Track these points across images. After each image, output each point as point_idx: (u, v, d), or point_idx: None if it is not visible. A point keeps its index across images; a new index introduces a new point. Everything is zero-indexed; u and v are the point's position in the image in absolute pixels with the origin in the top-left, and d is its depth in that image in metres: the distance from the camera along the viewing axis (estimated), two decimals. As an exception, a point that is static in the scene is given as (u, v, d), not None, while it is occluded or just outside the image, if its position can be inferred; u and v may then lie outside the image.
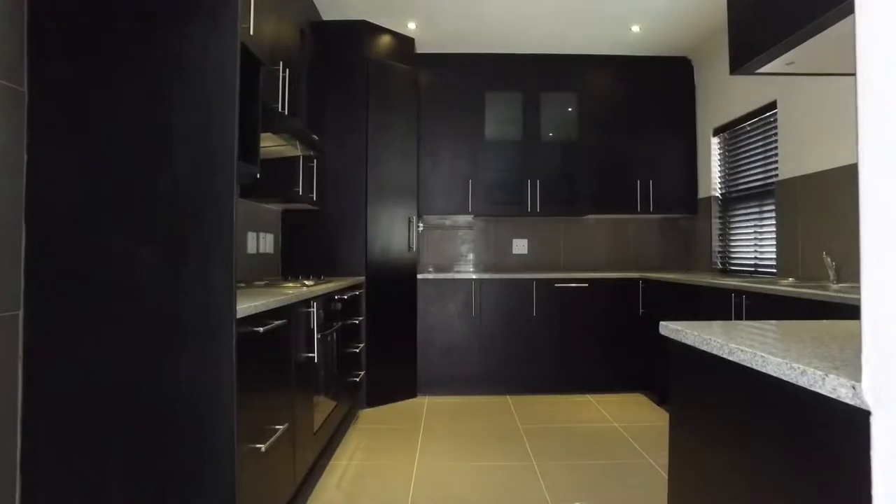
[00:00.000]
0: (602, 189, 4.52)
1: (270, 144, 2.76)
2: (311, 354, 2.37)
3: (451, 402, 4.01)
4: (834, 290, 2.44)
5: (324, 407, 2.70)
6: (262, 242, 3.44)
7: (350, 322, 3.42)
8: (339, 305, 3.03)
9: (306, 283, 2.65)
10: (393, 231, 4.02)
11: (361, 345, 3.72)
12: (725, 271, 4.20)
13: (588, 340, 4.23)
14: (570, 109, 4.60)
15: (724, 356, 0.98)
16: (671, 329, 1.22)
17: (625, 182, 4.53)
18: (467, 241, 4.80)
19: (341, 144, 3.84)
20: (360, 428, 3.42)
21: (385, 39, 4.05)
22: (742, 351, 0.92)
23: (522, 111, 4.53)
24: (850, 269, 2.79)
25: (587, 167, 4.52)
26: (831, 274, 2.75)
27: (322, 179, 3.76)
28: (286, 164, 3.09)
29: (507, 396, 4.15)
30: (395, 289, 4.03)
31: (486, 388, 4.21)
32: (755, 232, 3.82)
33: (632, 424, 3.45)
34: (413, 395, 4.13)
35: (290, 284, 2.57)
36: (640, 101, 4.55)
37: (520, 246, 4.84)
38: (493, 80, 4.52)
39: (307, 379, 2.36)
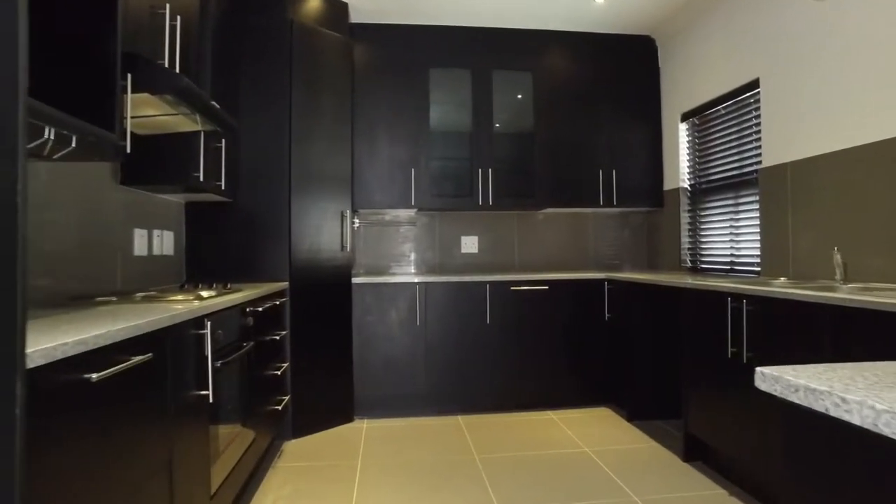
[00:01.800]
0: (561, 180, 4.07)
1: (155, 113, 2.10)
2: (203, 392, 1.74)
3: (394, 426, 3.44)
4: (846, 292, 2.04)
5: (230, 454, 2.07)
6: (157, 242, 2.76)
7: (270, 338, 2.79)
8: (251, 320, 2.40)
9: (203, 293, 2.02)
10: (323, 228, 3.40)
11: (285, 364, 3.09)
12: (696, 270, 3.83)
13: (548, 350, 3.76)
14: (523, 92, 4.12)
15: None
16: (787, 384, 0.71)
17: (586, 172, 4.09)
18: (409, 240, 4.24)
19: (259, 123, 3.19)
20: (283, 466, 2.80)
21: (313, 1, 3.43)
22: None
23: (472, 91, 4.00)
24: (857, 267, 2.42)
25: (544, 155, 4.05)
26: (838, 273, 2.37)
27: (234, 165, 3.10)
28: (183, 142, 2.43)
29: (459, 417, 3.62)
30: (325, 295, 3.42)
31: (435, 408, 3.66)
32: (731, 226, 3.45)
33: (605, 448, 2.99)
34: (349, 420, 3.53)
35: (181, 297, 1.93)
36: (602, 83, 4.12)
37: (469, 244, 4.32)
38: (439, 55, 3.97)
39: (197, 425, 1.74)
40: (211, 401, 1.77)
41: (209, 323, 1.78)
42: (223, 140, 2.75)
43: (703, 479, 2.58)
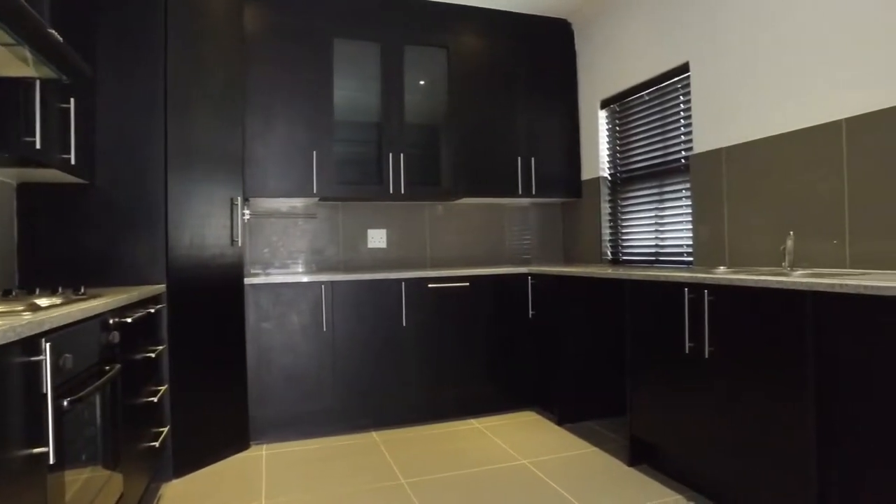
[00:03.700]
0: (477, 168, 3.76)
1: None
2: (38, 450, 1.18)
3: (301, 450, 2.93)
4: (799, 276, 1.91)
5: (85, 521, 1.49)
6: (-26, 234, 2.04)
7: (142, 356, 2.18)
8: (117, 335, 1.81)
9: (40, 302, 1.43)
10: (209, 218, 2.81)
11: (162, 388, 2.47)
12: (617, 261, 3.70)
13: (470, 352, 3.43)
14: (437, 71, 3.76)
15: None
16: None
17: (503, 160, 3.83)
18: (308, 233, 3.72)
19: (124, 86, 2.53)
20: (162, 518, 2.20)
21: (191, -57, 2.81)
22: None
23: (381, 67, 3.57)
24: (799, 253, 2.34)
25: (460, 141, 3.72)
26: (787, 259, 2.26)
27: (91, 133, 2.43)
28: (4, 91, 1.77)
29: (374, 433, 3.19)
30: (212, 300, 2.82)
31: (346, 425, 3.20)
32: (655, 216, 3.34)
33: (543, 458, 2.71)
34: (244, 447, 2.96)
35: (3, 308, 1.33)
36: (520, 66, 3.88)
37: (377, 238, 3.89)
38: (346, 24, 3.50)
39: (35, 490, 1.18)
40: (52, 461, 1.20)
41: (48, 345, 1.21)
42: (72, 98, 2.09)
43: (656, 484, 2.38)
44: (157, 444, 2.32)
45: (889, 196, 2.02)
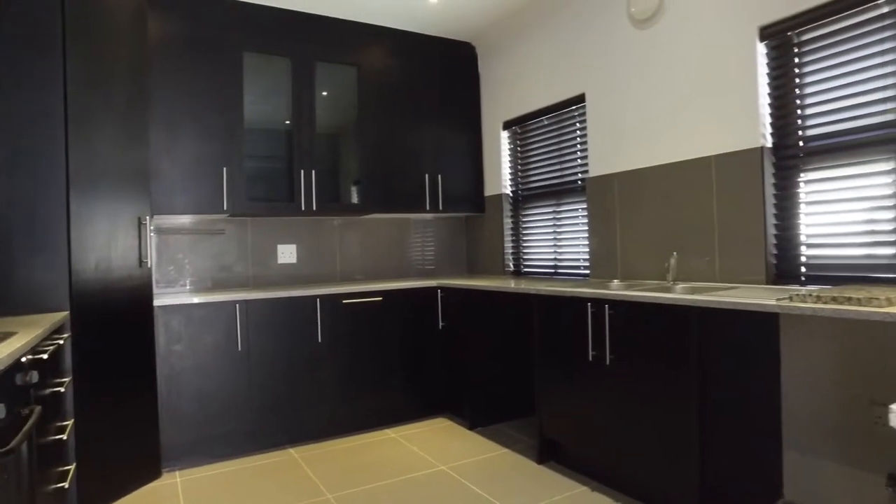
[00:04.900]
0: (387, 184, 3.88)
1: None
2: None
3: (218, 472, 2.88)
4: (681, 290, 2.26)
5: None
6: None
7: (51, 391, 2.06)
8: (35, 375, 1.71)
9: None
10: (116, 238, 2.67)
11: (69, 423, 2.33)
12: (519, 273, 3.99)
13: (384, 364, 3.54)
14: (348, 89, 3.82)
15: None
16: None
17: (412, 176, 3.97)
18: (216, 249, 3.62)
19: (19, 91, 2.35)
20: (75, 560, 2.09)
21: (90, -52, 2.66)
22: None
23: (293, 83, 3.57)
24: (679, 269, 2.72)
25: (370, 158, 3.82)
26: (671, 274, 2.62)
27: (-21, 154, 2.24)
28: None
29: (291, 449, 3.20)
30: (120, 324, 2.69)
31: (263, 443, 3.17)
32: (554, 231, 3.66)
33: (460, 463, 2.89)
34: (156, 476, 2.84)
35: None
36: (428, 86, 4.04)
37: (287, 253, 3.87)
38: (256, 38, 3.45)
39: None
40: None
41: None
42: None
43: (564, 478, 2.65)
44: (66, 484, 2.19)
45: (745, 221, 2.42)
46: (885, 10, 2.03)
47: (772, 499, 2.28)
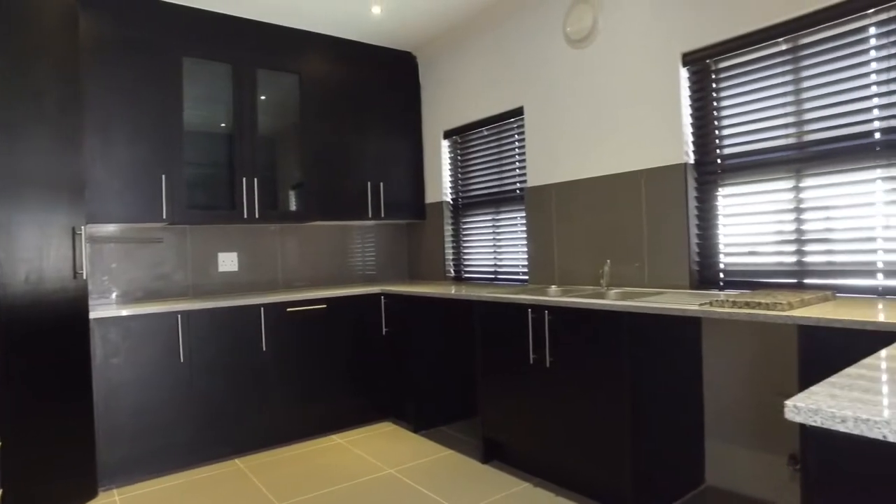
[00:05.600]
0: (329, 191, 3.90)
1: None
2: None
3: (161, 488, 2.81)
4: (615, 295, 2.45)
5: None
6: None
7: (-16, 412, 1.97)
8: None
9: None
10: (48, 250, 2.57)
11: None
12: (460, 279, 4.12)
13: (329, 371, 3.57)
14: (290, 96, 3.81)
15: None
16: (829, 415, 0.76)
17: (353, 184, 4.01)
18: (153, 258, 3.52)
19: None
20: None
21: (18, -54, 2.54)
22: None
23: (233, 90, 3.53)
24: (615, 273, 2.92)
25: (312, 165, 3.83)
26: (604, 280, 2.81)
27: None
28: None
29: (236, 460, 3.17)
30: (53, 339, 2.59)
31: (208, 455, 3.13)
32: (493, 238, 3.81)
33: (408, 465, 2.97)
34: (93, 496, 2.75)
35: None
36: (369, 94, 4.09)
37: (228, 261, 3.81)
38: (196, 43, 3.39)
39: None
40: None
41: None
42: None
43: (507, 476, 2.78)
44: (0, 506, 2.11)
45: (671, 231, 2.65)
46: (783, 47, 2.30)
47: (695, 484, 2.51)
